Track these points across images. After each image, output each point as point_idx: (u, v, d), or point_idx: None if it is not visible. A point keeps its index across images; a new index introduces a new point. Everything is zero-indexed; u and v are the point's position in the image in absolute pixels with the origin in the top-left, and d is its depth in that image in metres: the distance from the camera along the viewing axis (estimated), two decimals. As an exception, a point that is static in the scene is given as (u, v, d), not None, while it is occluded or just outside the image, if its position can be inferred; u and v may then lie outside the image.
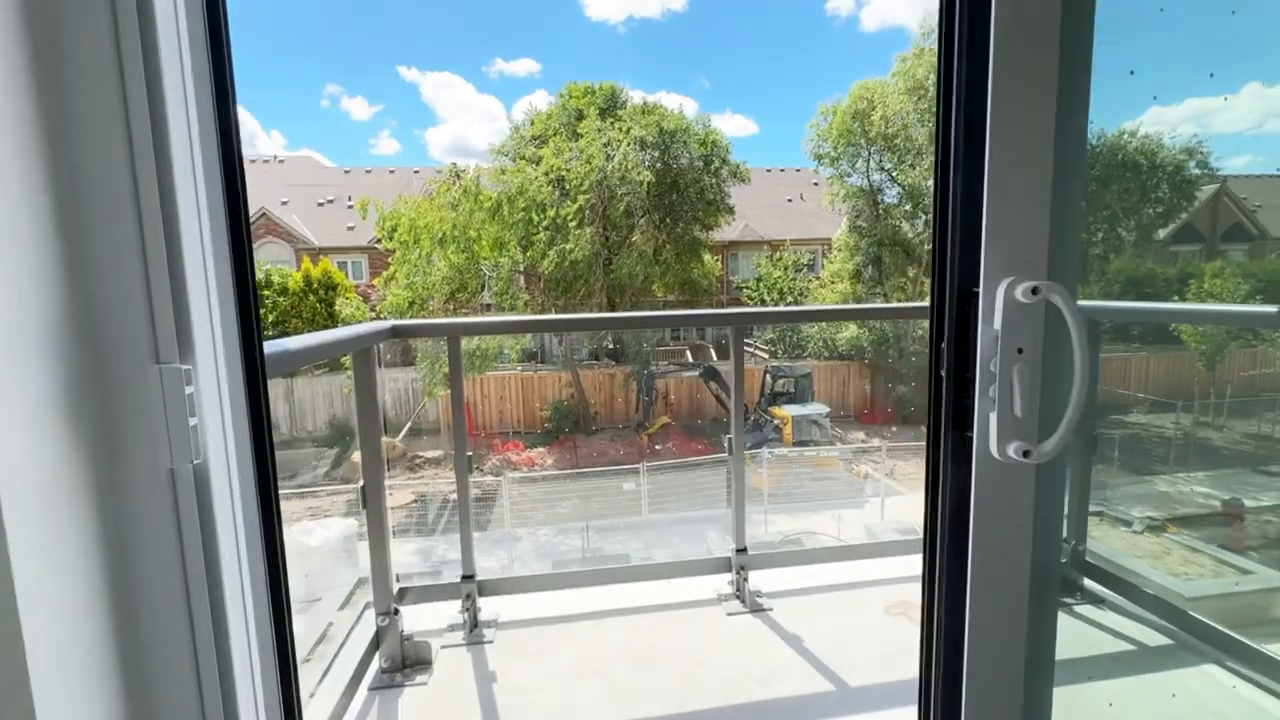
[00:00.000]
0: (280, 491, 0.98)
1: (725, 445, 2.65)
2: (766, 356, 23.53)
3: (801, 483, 14.05)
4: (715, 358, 26.56)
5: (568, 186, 16.96)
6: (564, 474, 16.55)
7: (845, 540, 11.65)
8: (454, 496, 14.52)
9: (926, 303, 0.97)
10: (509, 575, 2.85)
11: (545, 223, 15.61)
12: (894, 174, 19.79)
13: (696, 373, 18.78)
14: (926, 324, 0.95)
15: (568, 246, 16.27)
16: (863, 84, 18.13)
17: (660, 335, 29.76)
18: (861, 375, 21.89)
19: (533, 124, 21.21)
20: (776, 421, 14.88)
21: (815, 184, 37.91)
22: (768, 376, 18.26)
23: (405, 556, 12.25)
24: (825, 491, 14.06)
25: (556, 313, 19.08)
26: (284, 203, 32.24)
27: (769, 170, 38.73)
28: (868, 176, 20.03)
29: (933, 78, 14.81)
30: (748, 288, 24.42)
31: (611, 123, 18.42)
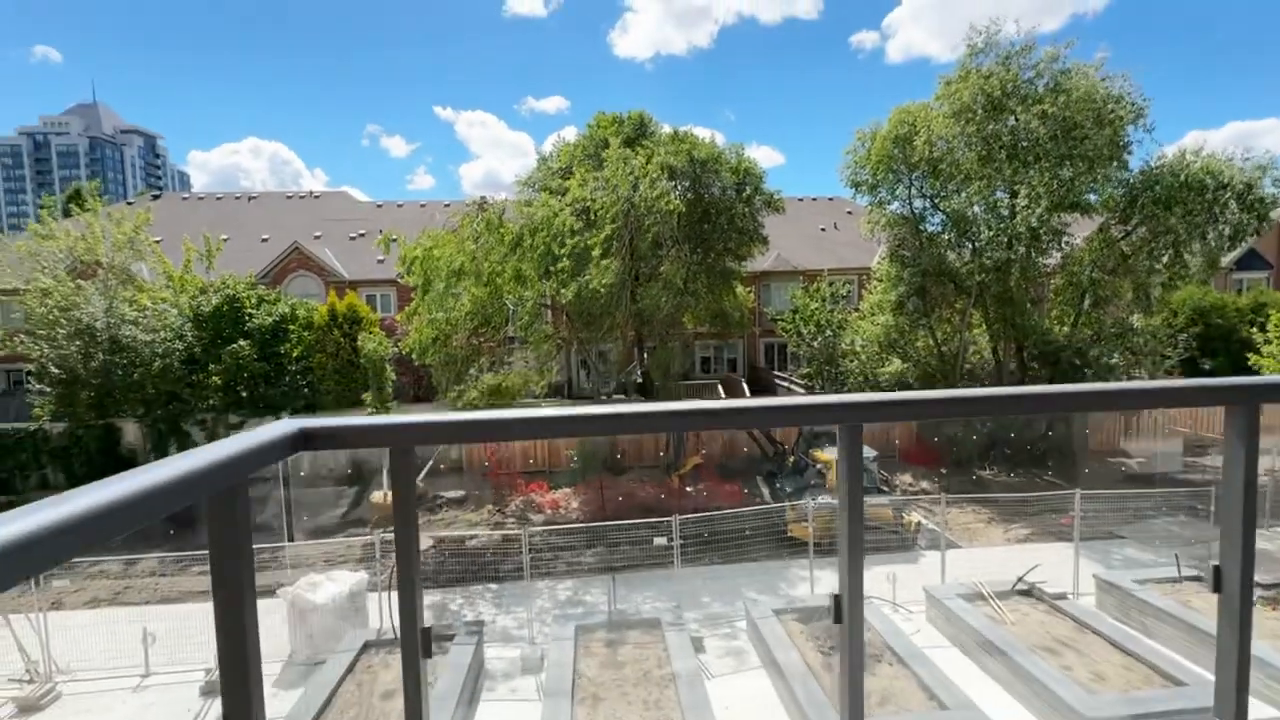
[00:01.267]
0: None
1: (758, 485, 1.70)
2: (803, 392, 22.35)
3: (848, 534, 12.81)
4: (749, 393, 25.47)
5: (593, 216, 16.41)
6: (589, 525, 15.60)
7: (903, 605, 10.36)
8: (472, 542, 13.57)
9: None
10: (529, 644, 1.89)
11: (567, 254, 15.01)
12: (937, 200, 18.77)
13: (730, 410, 17.75)
14: (976, 358, 0.36)
15: (592, 278, 15.62)
16: (903, 108, 17.31)
17: (688, 367, 28.86)
18: (906, 412, 20.52)
19: (559, 156, 20.90)
20: (819, 466, 13.71)
21: (849, 212, 37.02)
22: (806, 415, 17.11)
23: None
24: (876, 544, 12.78)
25: (579, 349, 18.39)
26: (317, 236, 32.65)
27: (800, 199, 38.04)
28: (909, 203, 19.05)
29: (981, 99, 13.72)
30: (782, 320, 23.41)
31: (638, 151, 17.94)
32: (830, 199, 39.59)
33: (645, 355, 21.32)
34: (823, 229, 35.41)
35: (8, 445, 17.96)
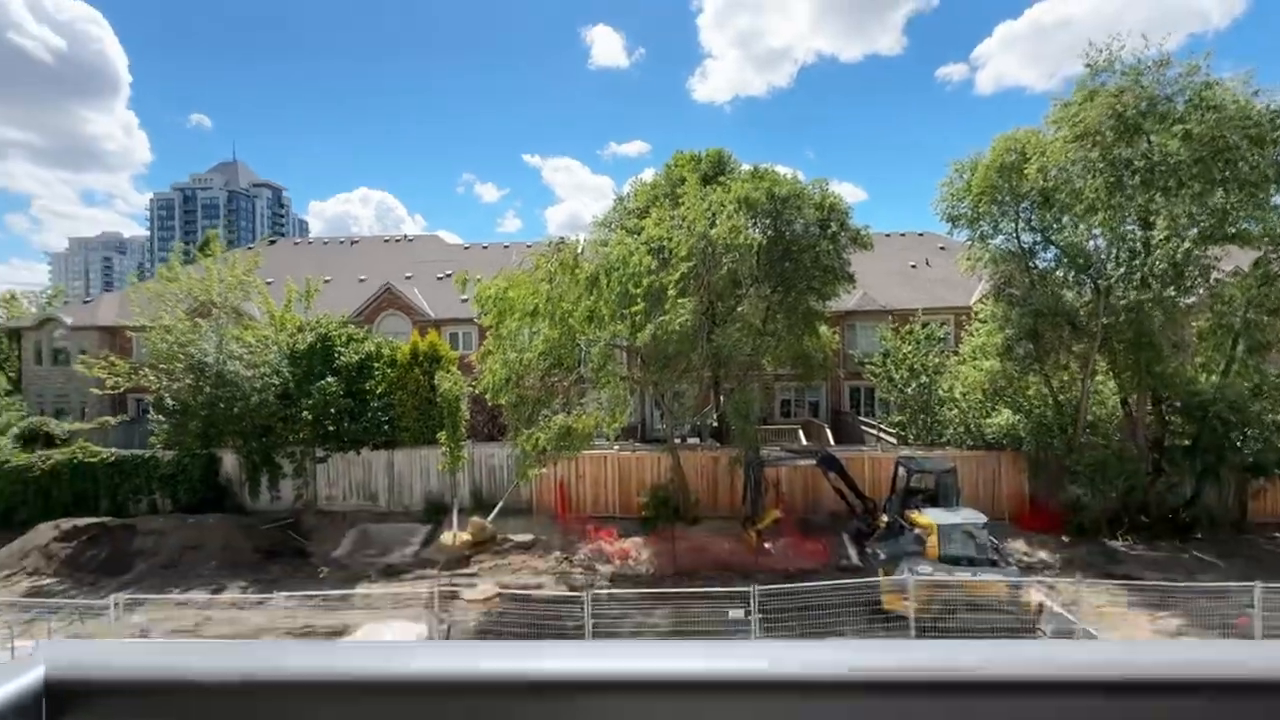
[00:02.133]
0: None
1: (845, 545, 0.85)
2: (895, 442, 20.51)
3: (954, 611, 11.13)
4: (832, 441, 23.78)
5: (668, 254, 15.95)
6: (659, 582, 14.70)
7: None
8: (538, 590, 12.92)
9: None
10: None
11: (642, 293, 14.54)
12: (1051, 234, 16.93)
13: (812, 461, 16.40)
14: (1099, 410, 0.36)
15: (667, 317, 15.03)
16: (1009, 136, 15.85)
17: (768, 411, 27.47)
18: (1017, 469, 18.28)
19: (636, 196, 20.78)
20: (919, 531, 12.15)
21: (942, 248, 34.80)
22: (900, 469, 15.49)
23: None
24: (987, 625, 11.01)
25: (654, 388, 17.73)
26: (408, 277, 34.38)
27: (887, 235, 36.22)
28: (1016, 237, 17.30)
29: (1111, 120, 12.17)
30: (871, 363, 21.80)
31: (715, 188, 17.43)
32: (920, 234, 37.49)
33: (722, 397, 20.37)
34: (913, 265, 33.39)
35: (126, 470, 19.44)
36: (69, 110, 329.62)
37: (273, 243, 49.66)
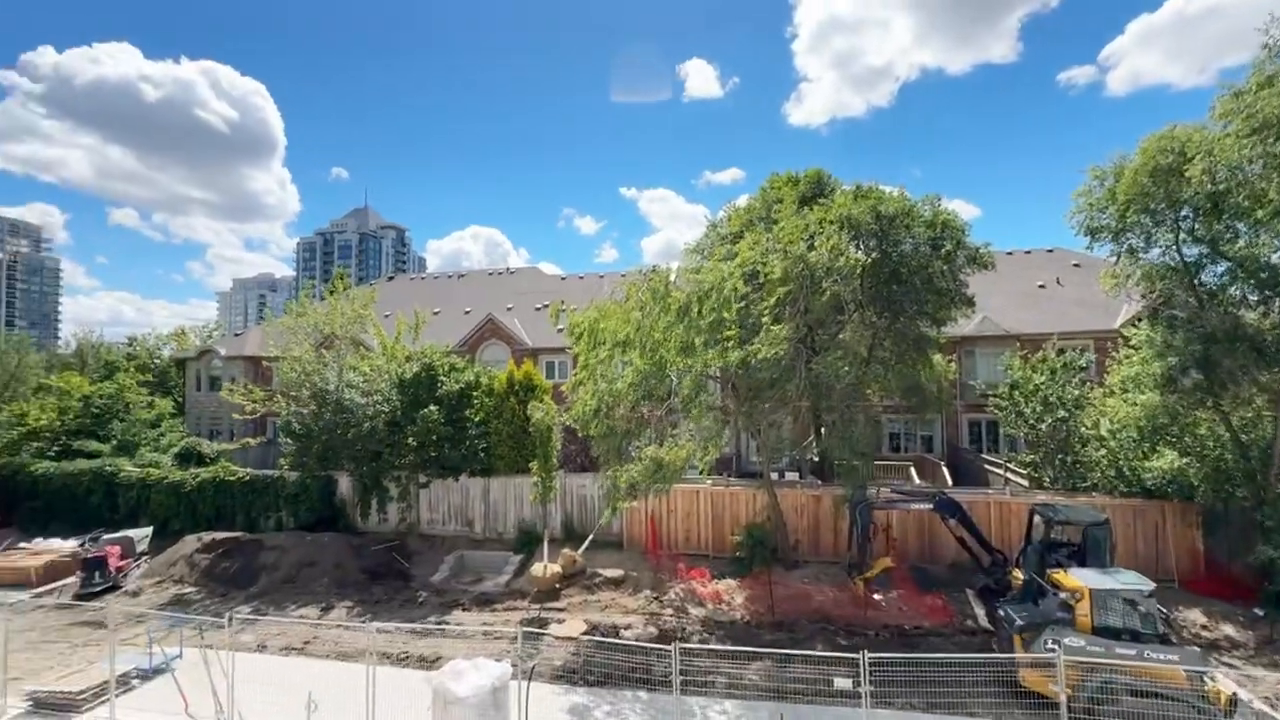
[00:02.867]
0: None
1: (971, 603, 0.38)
2: (1026, 485, 18.09)
3: (1116, 698, 9.23)
4: (950, 480, 21.49)
5: (763, 279, 15.16)
6: (754, 649, 13.67)
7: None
8: (627, 633, 12.32)
9: None
10: None
11: (735, 320, 13.84)
12: (1221, 245, 14.37)
13: (928, 505, 14.72)
14: None
15: (756, 345, 14.20)
16: (1163, 135, 13.70)
17: (874, 445, 25.43)
18: (1186, 523, 15.43)
19: (730, 221, 20.21)
20: (1065, 595, 10.31)
21: (1076, 265, 31.18)
22: (1036, 518, 13.49)
23: (557, 717, 10.34)
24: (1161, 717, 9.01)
25: (747, 419, 16.81)
26: (509, 308, 35.79)
27: (1009, 253, 33.07)
28: (1177, 250, 14.84)
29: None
30: (998, 395, 19.54)
31: (814, 208, 16.47)
32: (1050, 250, 33.87)
33: (823, 430, 19.01)
34: (1041, 285, 30.09)
35: (258, 489, 21.24)
36: (238, 170, 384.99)
37: (391, 279, 53.95)
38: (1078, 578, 10.43)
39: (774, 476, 18.48)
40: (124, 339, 47.09)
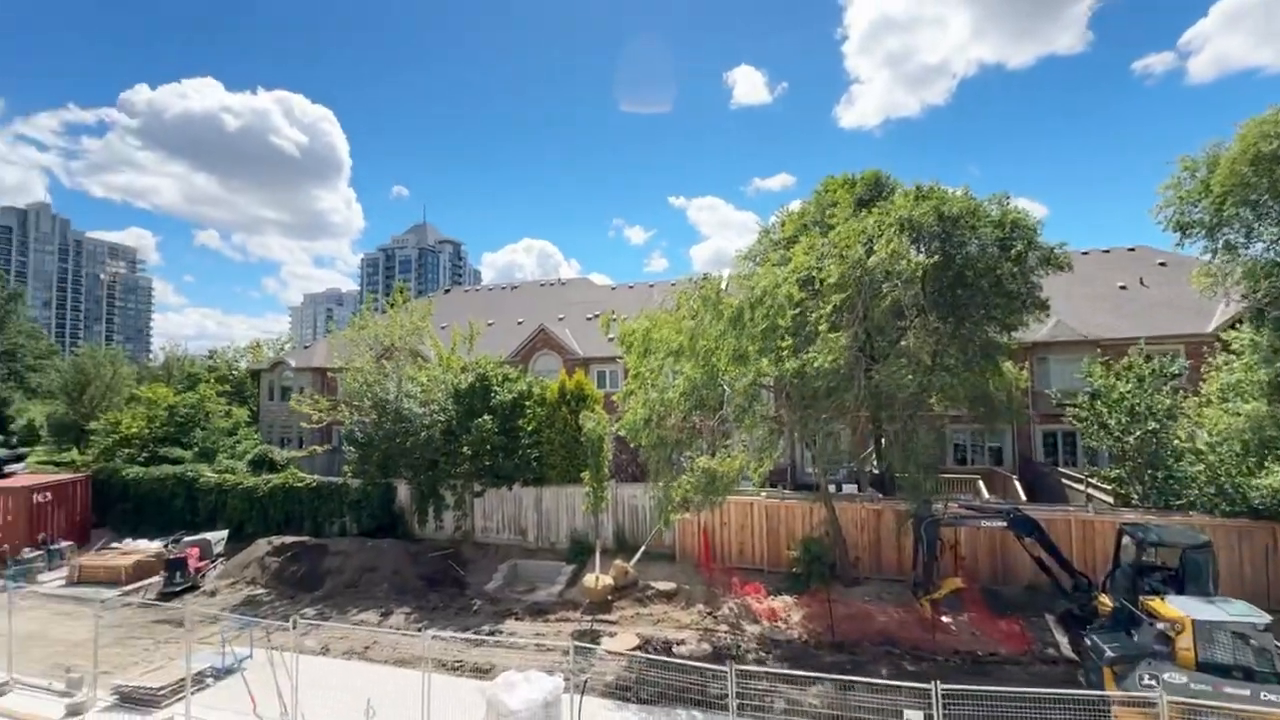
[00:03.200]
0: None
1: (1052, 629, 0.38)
2: (1112, 502, 16.74)
3: (1225, 743, 8.29)
4: (1023, 495, 20.16)
5: (819, 285, 14.65)
6: (814, 673, 13.10)
7: None
8: (680, 648, 12.01)
9: None
10: None
11: (789, 328, 13.41)
12: (1338, 237, 12.97)
13: (1001, 523, 13.79)
14: None
15: (811, 354, 13.70)
16: (1266, 119, 12.41)
17: (940, 457, 24.19)
18: (1303, 546, 13.88)
19: (783, 226, 19.74)
20: (1163, 626, 9.37)
21: (1162, 264, 28.95)
22: (1126, 538, 12.40)
23: (611, 735, 10.13)
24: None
25: (802, 428, 16.25)
26: (560, 318, 36.19)
27: (1085, 252, 31.07)
28: (1283, 244, 13.51)
29: None
30: (1076, 405, 18.23)
31: (872, 211, 15.84)
32: (1131, 249, 31.63)
33: (883, 441, 18.20)
34: (1122, 286, 28.08)
35: (324, 495, 22.10)
36: (308, 191, 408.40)
37: (447, 291, 55.64)
38: (1178, 606, 9.47)
39: (831, 489, 17.79)
40: (206, 352, 50.44)
